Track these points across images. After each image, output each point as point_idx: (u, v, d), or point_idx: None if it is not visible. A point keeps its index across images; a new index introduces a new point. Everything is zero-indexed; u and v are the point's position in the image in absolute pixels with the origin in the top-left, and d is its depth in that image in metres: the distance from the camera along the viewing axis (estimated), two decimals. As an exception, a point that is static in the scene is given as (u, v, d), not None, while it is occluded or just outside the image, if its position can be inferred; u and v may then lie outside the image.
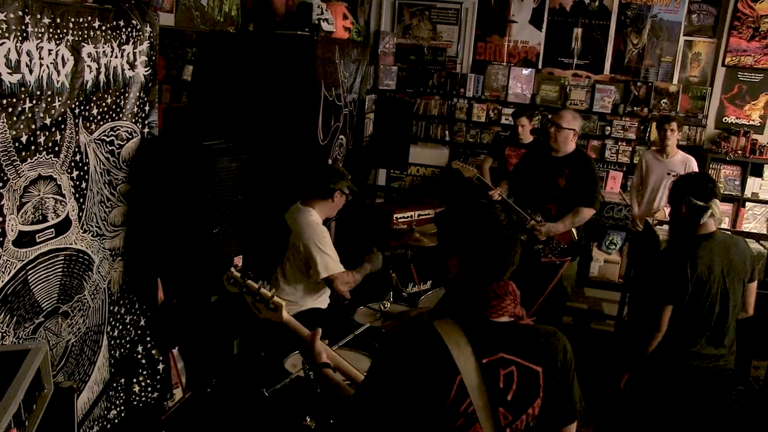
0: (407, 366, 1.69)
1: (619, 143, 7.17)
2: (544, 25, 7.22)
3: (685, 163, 5.65)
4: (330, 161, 5.07)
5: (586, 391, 1.91)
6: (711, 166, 6.75)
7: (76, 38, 2.49)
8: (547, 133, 6.33)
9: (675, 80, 7.00)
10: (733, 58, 6.80)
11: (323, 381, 2.09)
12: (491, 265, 1.78)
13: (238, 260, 3.18)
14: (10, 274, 2.36)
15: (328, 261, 3.61)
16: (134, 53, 2.85)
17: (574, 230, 4.76)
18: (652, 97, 6.98)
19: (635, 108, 7.04)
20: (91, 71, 2.60)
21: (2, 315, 2.35)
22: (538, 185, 4.77)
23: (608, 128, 7.13)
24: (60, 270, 2.62)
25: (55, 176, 2.50)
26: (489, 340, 1.73)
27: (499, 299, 1.76)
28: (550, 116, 5.89)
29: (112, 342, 3.06)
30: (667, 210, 5.49)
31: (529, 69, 7.28)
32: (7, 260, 2.33)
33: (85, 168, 2.67)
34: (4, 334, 2.37)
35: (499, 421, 1.72)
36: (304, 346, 2.20)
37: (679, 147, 5.92)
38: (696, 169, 5.67)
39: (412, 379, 1.68)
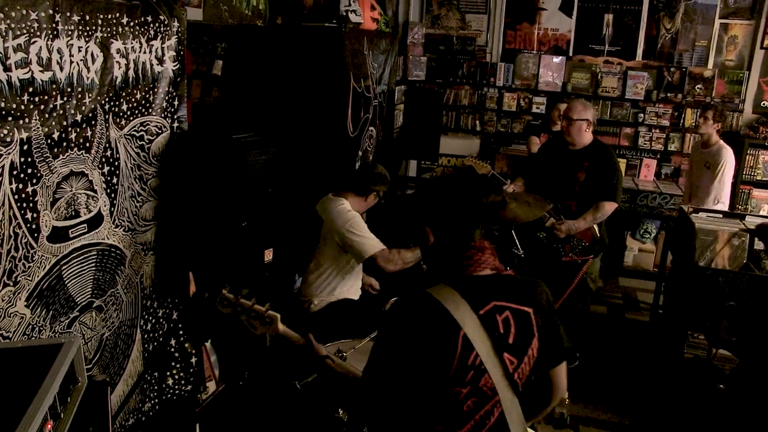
0: (412, 332, 1.78)
1: (653, 130, 7.03)
2: (575, 12, 7.10)
3: (718, 153, 5.43)
4: (360, 153, 5.06)
5: (621, 381, 1.94)
6: (748, 152, 6.59)
7: (105, 35, 2.51)
8: (549, 118, 6.27)
9: (710, 65, 6.83)
10: (772, 40, 6.61)
11: (328, 372, 2.17)
12: (461, 225, 1.93)
13: (269, 253, 3.19)
14: (45, 269, 2.40)
15: (364, 242, 3.59)
16: (162, 48, 2.87)
17: (595, 226, 4.56)
18: (686, 82, 6.82)
19: (669, 94, 6.89)
20: (120, 67, 2.62)
21: (38, 309, 2.39)
22: (556, 180, 4.57)
23: (641, 115, 6.99)
24: (93, 265, 2.65)
25: (86, 172, 2.52)
26: (479, 292, 1.84)
27: (480, 254, 1.91)
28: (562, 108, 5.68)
29: (146, 335, 3.09)
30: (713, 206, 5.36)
31: (560, 57, 7.17)
32: (42, 255, 2.37)
33: (116, 163, 2.70)
34: (41, 328, 2.41)
35: (507, 368, 1.83)
36: (302, 342, 2.28)
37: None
38: (727, 160, 5.37)
39: (418, 343, 1.77)
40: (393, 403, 1.84)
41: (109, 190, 2.68)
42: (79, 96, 2.42)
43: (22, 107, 2.16)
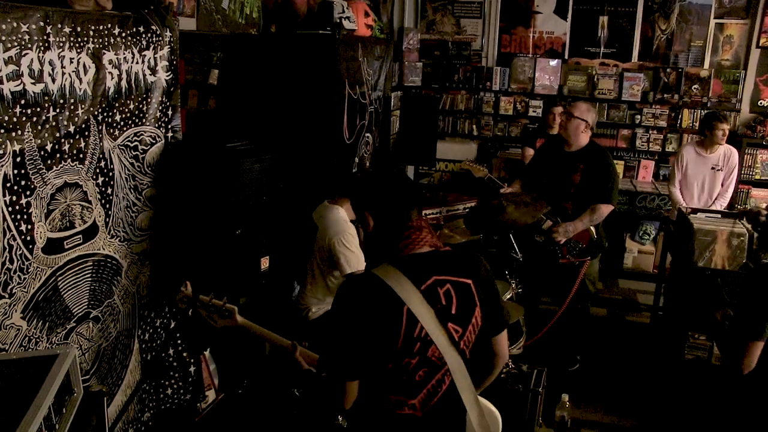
0: (359, 310, 1.88)
1: (650, 131, 7.04)
2: (569, 15, 7.12)
3: (727, 155, 5.50)
4: (357, 159, 5.07)
5: (622, 383, 1.95)
6: (747, 151, 6.59)
7: (97, 46, 2.52)
8: (546, 122, 6.28)
9: (706, 65, 6.84)
10: (768, 39, 6.63)
11: (311, 379, 2.31)
12: (397, 207, 2.03)
13: (265, 261, 3.19)
14: (41, 281, 2.40)
15: (351, 258, 3.59)
16: (155, 58, 2.88)
17: (592, 228, 4.55)
18: (682, 83, 6.83)
19: (665, 95, 6.90)
20: (112, 78, 2.62)
21: (35, 321, 2.39)
22: (552, 183, 4.58)
23: (638, 117, 7.00)
24: (89, 275, 2.65)
25: (80, 183, 2.53)
26: (420, 269, 1.95)
27: (417, 232, 2.01)
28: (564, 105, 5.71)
29: (143, 345, 3.09)
30: (714, 205, 5.39)
31: (556, 60, 7.18)
32: (38, 267, 2.37)
33: (110, 174, 2.70)
34: (38, 340, 2.41)
35: (453, 336, 1.95)
36: (264, 334, 2.48)
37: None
38: (736, 162, 5.52)
39: (366, 320, 1.87)
40: (348, 376, 1.93)
41: (103, 201, 2.69)
42: (72, 107, 2.42)
43: (15, 119, 2.17)
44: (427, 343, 1.92)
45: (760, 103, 6.77)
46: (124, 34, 2.68)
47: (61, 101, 2.36)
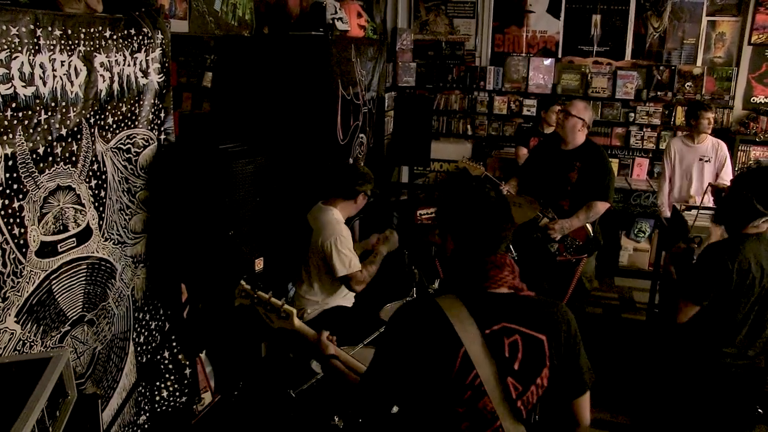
0: (411, 339, 1.74)
1: (644, 129, 7.05)
2: (562, 14, 7.13)
3: (716, 147, 5.52)
4: (351, 160, 5.07)
5: (619, 381, 1.90)
6: (740, 147, 6.61)
7: (88, 48, 2.52)
8: (542, 120, 6.30)
9: (699, 62, 6.86)
10: (760, 36, 6.64)
11: (332, 371, 2.15)
12: (484, 239, 1.83)
13: (260, 262, 3.19)
14: (35, 284, 2.39)
15: (345, 259, 3.60)
16: (147, 61, 2.87)
17: (589, 226, 4.57)
18: (675, 80, 6.85)
19: (659, 93, 6.92)
20: (104, 81, 2.62)
21: (29, 325, 2.38)
22: (549, 181, 4.59)
23: (632, 115, 7.02)
24: (83, 279, 2.65)
25: (73, 186, 2.52)
26: (490, 310, 1.76)
27: (498, 270, 1.81)
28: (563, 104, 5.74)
29: (138, 348, 3.09)
30: (699, 198, 5.40)
31: (549, 59, 7.20)
32: (31, 270, 2.37)
33: (103, 177, 2.70)
34: (32, 344, 2.41)
35: (509, 392, 1.73)
36: (312, 339, 2.24)
37: (707, 130, 5.79)
38: (726, 153, 5.53)
39: (416, 352, 1.72)
40: (390, 404, 1.85)
41: (97, 204, 2.68)
42: (64, 110, 2.42)
43: (6, 123, 2.16)
44: (480, 393, 1.73)
45: (753, 100, 6.79)
46: (115, 37, 2.67)
47: (53, 104, 2.36)
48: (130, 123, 2.83)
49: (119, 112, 2.75)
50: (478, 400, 1.73)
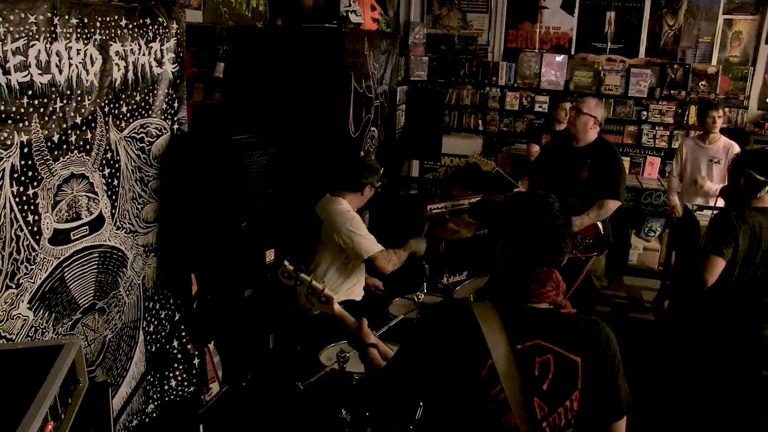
0: (438, 341, 1.69)
1: (657, 128, 7.01)
2: (576, 10, 7.09)
3: (728, 148, 5.48)
4: (362, 153, 5.06)
5: (627, 380, 1.85)
6: (754, 148, 6.55)
7: (104, 37, 2.52)
8: (553, 117, 6.27)
9: (714, 61, 6.81)
10: (778, 35, 6.59)
11: (368, 361, 2.07)
12: (538, 251, 1.75)
13: (270, 254, 3.19)
14: (47, 272, 2.40)
15: (365, 242, 3.59)
16: (161, 50, 2.87)
17: (599, 224, 4.55)
18: (689, 79, 6.81)
19: (672, 91, 6.88)
20: (119, 69, 2.62)
21: (41, 311, 2.40)
22: (559, 178, 4.55)
23: (644, 113, 6.98)
24: (95, 267, 2.66)
25: (87, 174, 2.53)
26: (526, 325, 1.69)
27: (540, 284, 1.73)
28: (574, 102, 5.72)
29: (148, 337, 3.10)
30: (712, 200, 5.38)
31: (562, 55, 7.16)
32: (44, 258, 2.38)
33: (117, 165, 2.71)
34: (44, 331, 2.42)
35: (534, 412, 1.66)
36: (350, 329, 2.19)
37: (721, 130, 5.74)
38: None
39: (443, 355, 1.67)
40: (405, 402, 1.79)
41: (110, 192, 2.69)
42: (79, 99, 2.42)
43: (22, 110, 2.17)
44: (504, 408, 1.66)
45: (768, 100, 6.74)
46: (130, 26, 2.67)
47: (68, 92, 2.37)
48: (143, 112, 2.83)
49: (133, 101, 2.75)
50: (502, 415, 1.67)
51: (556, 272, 1.79)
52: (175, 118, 3.03)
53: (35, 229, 2.31)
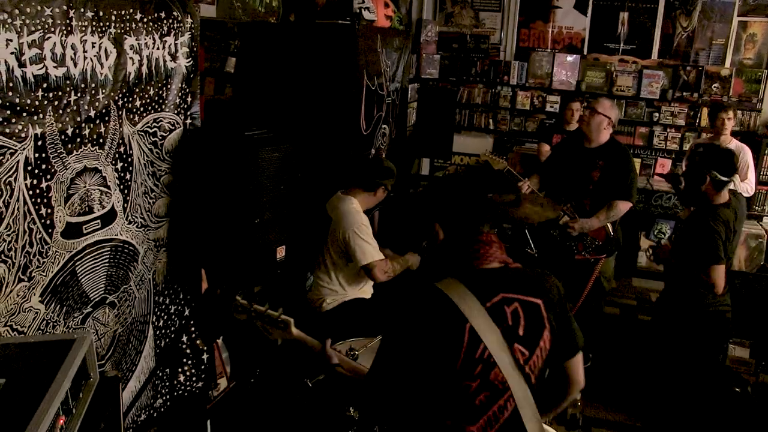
0: (419, 325, 1.80)
1: (668, 130, 6.97)
2: (589, 10, 7.06)
3: (739, 151, 5.45)
4: (373, 151, 5.05)
5: (634, 382, 1.92)
6: (766, 152, 6.52)
7: (119, 31, 2.51)
8: (563, 117, 6.25)
9: (727, 63, 6.76)
10: (793, 38, 6.54)
11: (339, 377, 2.20)
12: (469, 221, 1.96)
13: (281, 251, 3.19)
14: (59, 265, 2.40)
15: (367, 248, 3.59)
16: (175, 45, 2.87)
17: (609, 226, 4.52)
18: (702, 81, 6.76)
19: (685, 93, 6.84)
20: (133, 63, 2.62)
21: (53, 305, 2.39)
22: (571, 179, 4.54)
23: (656, 114, 6.94)
24: (106, 261, 2.66)
25: (100, 168, 2.53)
26: (487, 285, 1.84)
27: (487, 247, 1.92)
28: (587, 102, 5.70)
29: (158, 332, 3.10)
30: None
31: (574, 55, 7.13)
32: (56, 251, 2.37)
33: (129, 159, 2.70)
34: (55, 324, 2.42)
35: (518, 360, 1.81)
36: (316, 350, 2.27)
37: (733, 133, 5.71)
38: (749, 159, 5.47)
39: (425, 335, 1.78)
40: (400, 397, 1.84)
41: (122, 186, 2.69)
42: (93, 92, 2.42)
43: (37, 103, 2.16)
44: (490, 365, 1.78)
45: (782, 103, 6.68)
46: (145, 20, 2.67)
47: (83, 86, 2.36)
48: (157, 106, 2.82)
49: (147, 96, 2.75)
50: (490, 371, 1.79)
51: (494, 234, 1.98)
52: (188, 113, 3.02)
53: (48, 222, 2.30)
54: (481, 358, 1.77)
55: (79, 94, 2.35)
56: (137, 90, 2.68)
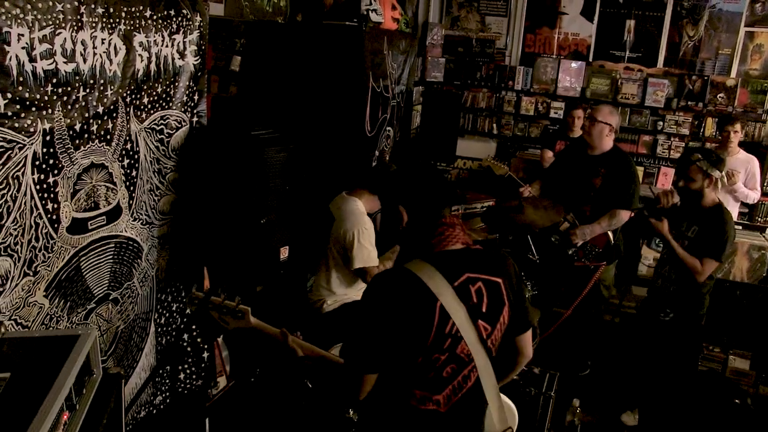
0: (391, 305, 1.88)
1: (672, 138, 6.96)
2: (596, 17, 7.05)
3: (747, 162, 5.45)
4: (377, 153, 5.05)
5: (633, 391, 1.95)
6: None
7: (128, 28, 2.52)
8: (568, 125, 6.24)
9: (733, 74, 6.74)
10: (800, 50, 6.53)
11: (308, 369, 2.34)
12: (431, 204, 2.05)
13: (284, 251, 3.18)
14: (64, 260, 2.40)
15: (365, 253, 3.59)
16: (184, 42, 2.87)
17: (610, 233, 4.53)
18: (707, 91, 6.75)
19: (689, 102, 6.82)
20: (142, 60, 2.62)
21: (57, 300, 2.40)
22: (572, 185, 4.54)
23: (660, 123, 6.93)
24: (111, 257, 2.66)
25: (106, 164, 2.53)
26: (453, 265, 1.96)
27: (450, 229, 2.03)
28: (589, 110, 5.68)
29: (159, 329, 3.10)
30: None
31: (580, 62, 7.12)
32: (62, 246, 2.38)
33: (136, 156, 2.71)
34: (59, 319, 2.42)
35: (481, 334, 1.97)
36: (280, 340, 2.30)
37: (739, 144, 5.70)
38: (756, 170, 5.47)
39: (397, 314, 1.87)
40: (370, 370, 1.92)
41: (128, 183, 2.69)
42: (102, 88, 2.42)
43: (46, 98, 2.17)
44: (458, 339, 1.93)
45: (787, 115, 6.67)
46: (155, 17, 2.67)
47: (92, 81, 2.36)
48: (164, 104, 2.83)
49: (155, 93, 2.75)
50: (457, 345, 1.94)
51: (456, 218, 2.09)
52: (195, 111, 3.03)
53: (54, 217, 2.30)
54: (450, 333, 1.92)
55: (87, 90, 2.35)
56: (145, 87, 2.68)
